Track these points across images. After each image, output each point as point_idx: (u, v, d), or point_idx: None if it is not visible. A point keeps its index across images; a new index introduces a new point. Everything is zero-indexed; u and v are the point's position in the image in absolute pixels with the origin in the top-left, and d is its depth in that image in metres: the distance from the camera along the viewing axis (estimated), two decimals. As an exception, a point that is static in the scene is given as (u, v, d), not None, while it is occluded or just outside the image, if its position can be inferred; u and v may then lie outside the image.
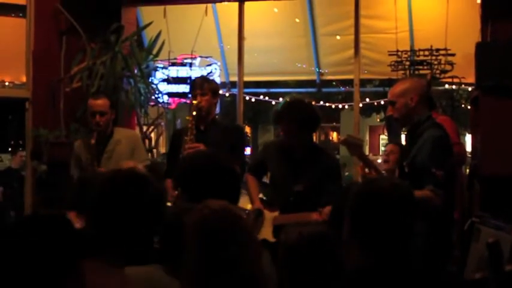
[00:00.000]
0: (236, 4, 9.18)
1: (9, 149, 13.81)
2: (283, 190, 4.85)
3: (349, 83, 13.34)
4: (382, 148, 25.92)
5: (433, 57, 10.20)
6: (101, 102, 5.56)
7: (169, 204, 3.34)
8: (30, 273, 1.87)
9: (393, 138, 8.00)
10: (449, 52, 10.00)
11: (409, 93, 4.39)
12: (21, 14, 8.62)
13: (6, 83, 10.57)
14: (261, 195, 5.05)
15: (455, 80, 10.28)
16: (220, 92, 13.85)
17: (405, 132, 4.96)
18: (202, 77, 6.13)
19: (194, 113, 5.15)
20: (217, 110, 5.94)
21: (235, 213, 2.30)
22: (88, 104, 5.67)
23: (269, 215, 4.82)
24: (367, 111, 20.67)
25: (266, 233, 4.74)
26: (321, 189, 4.67)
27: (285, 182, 4.85)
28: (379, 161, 6.28)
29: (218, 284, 2.14)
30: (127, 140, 5.61)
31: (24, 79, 8.40)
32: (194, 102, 5.18)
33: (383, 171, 5.38)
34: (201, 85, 5.24)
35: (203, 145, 5.01)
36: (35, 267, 1.88)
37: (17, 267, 1.87)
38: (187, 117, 5.37)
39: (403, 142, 6.05)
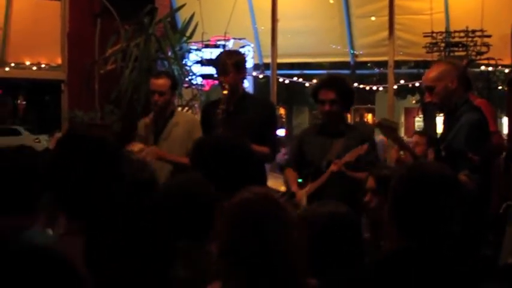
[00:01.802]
0: (270, -15, 9.14)
1: (48, 131, 13.96)
2: (317, 163, 4.86)
3: (383, 64, 13.24)
4: (417, 130, 25.73)
5: (469, 39, 10.08)
6: (161, 82, 5.44)
7: None
8: None
9: (428, 122, 7.91)
10: (485, 33, 9.88)
11: (449, 76, 4.29)
12: (56, -3, 8.68)
13: (43, 65, 10.69)
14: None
15: (492, 62, 10.17)
16: (254, 73, 13.92)
17: (441, 115, 4.90)
18: (225, 52, 5.99)
19: (225, 92, 5.09)
20: (250, 87, 5.85)
21: (276, 199, 2.29)
22: (150, 82, 5.61)
23: (302, 191, 4.83)
24: (402, 93, 20.54)
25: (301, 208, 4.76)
26: (355, 162, 4.68)
27: (319, 154, 4.86)
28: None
29: (252, 274, 2.13)
30: (185, 124, 5.52)
31: (59, 61, 8.47)
32: (224, 92, 5.12)
33: None
34: (223, 63, 5.14)
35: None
36: None
37: None
38: (224, 92, 5.27)
39: (438, 126, 5.98)
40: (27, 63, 10.89)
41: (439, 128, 5.58)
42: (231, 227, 2.20)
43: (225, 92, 5.08)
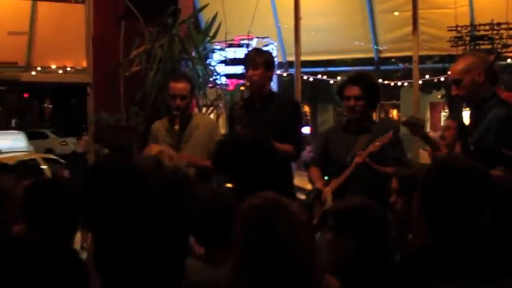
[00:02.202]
0: (292, -17, 9.13)
1: (75, 134, 14.11)
2: (343, 159, 4.85)
3: (407, 60, 13.17)
4: (442, 124, 25.55)
5: (494, 32, 10.00)
6: (182, 86, 5.42)
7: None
8: None
9: (455, 116, 7.87)
10: (510, 26, 9.77)
11: (476, 69, 4.23)
12: (80, 0, 8.75)
13: (68, 68, 10.79)
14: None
15: (518, 54, 10.05)
16: (278, 72, 13.92)
17: (467, 109, 4.87)
18: (255, 49, 6.01)
19: (244, 88, 5.12)
20: (274, 86, 5.87)
21: (285, 204, 2.29)
22: (169, 86, 5.63)
23: (328, 188, 4.82)
24: (427, 88, 20.34)
25: (327, 205, 4.75)
26: (380, 153, 4.65)
27: (345, 150, 4.84)
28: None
29: (265, 274, 2.15)
30: (205, 126, 5.54)
31: (84, 64, 8.54)
32: (242, 87, 5.16)
33: None
34: (252, 58, 5.17)
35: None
36: None
37: None
38: (241, 88, 5.31)
39: (465, 119, 5.94)
40: (53, 66, 11.00)
41: (466, 122, 5.55)
42: (243, 231, 2.22)
43: (246, 85, 5.11)
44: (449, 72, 4.50)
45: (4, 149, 14.33)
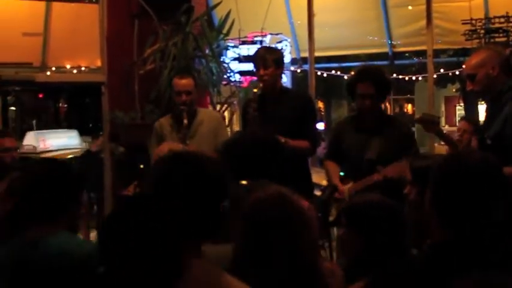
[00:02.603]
0: (305, -21, 9.11)
1: (90, 133, 14.33)
2: (356, 160, 4.82)
3: (422, 54, 13.13)
4: (458, 119, 25.44)
5: (510, 24, 9.93)
6: (186, 82, 5.58)
7: None
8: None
9: (470, 109, 7.82)
10: (526, 18, 9.72)
11: (490, 63, 4.19)
12: (93, 0, 8.78)
13: (83, 68, 10.85)
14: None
15: (533, 47, 9.97)
16: (292, 68, 13.91)
17: (482, 103, 4.83)
18: (264, 48, 6.02)
19: (256, 90, 5.17)
20: (288, 82, 5.88)
21: (290, 200, 2.29)
22: (173, 84, 5.72)
23: (345, 187, 4.81)
24: (441, 82, 20.23)
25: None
26: (394, 156, 4.61)
27: (358, 152, 4.82)
28: None
29: (267, 271, 2.14)
30: (210, 121, 5.61)
31: (99, 63, 8.57)
32: (255, 90, 5.19)
33: None
34: (263, 57, 5.18)
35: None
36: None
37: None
38: (254, 90, 5.33)
39: (480, 113, 5.91)
40: (68, 66, 11.08)
41: (481, 116, 5.50)
42: (245, 227, 2.22)
43: (256, 90, 5.15)
44: (463, 67, 4.47)
45: (59, 146, 15.50)
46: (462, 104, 22.04)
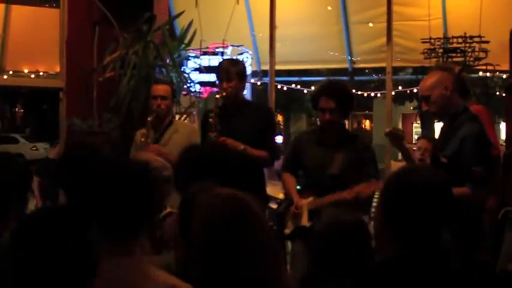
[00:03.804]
0: (268, -8, 9.16)
1: (47, 139, 14.11)
2: (318, 175, 4.82)
3: (381, 71, 13.28)
4: (415, 136, 25.74)
5: (467, 45, 10.11)
6: (162, 88, 5.66)
7: None
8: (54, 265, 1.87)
9: (426, 127, 7.92)
10: (483, 39, 9.90)
11: (443, 83, 4.26)
12: (54, 5, 8.70)
13: (41, 73, 10.71)
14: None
15: (490, 68, 10.18)
16: (252, 80, 13.93)
17: (437, 121, 4.89)
18: (228, 60, 6.01)
19: (218, 98, 5.17)
20: (248, 94, 5.90)
21: (244, 200, 2.29)
22: (151, 90, 5.75)
23: (304, 202, 4.81)
24: (400, 99, 20.48)
25: (302, 219, 4.74)
26: (356, 172, 4.64)
27: (320, 167, 4.82)
28: None
29: (224, 274, 2.14)
30: (185, 131, 5.64)
31: (57, 69, 8.48)
32: (217, 95, 5.20)
33: None
34: (226, 70, 5.18)
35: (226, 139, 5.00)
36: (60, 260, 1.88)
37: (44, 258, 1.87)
38: (216, 96, 5.32)
39: (436, 131, 5.97)
40: (26, 71, 10.93)
41: (437, 135, 5.57)
42: (200, 228, 2.21)
43: (218, 96, 5.14)
44: (419, 88, 4.54)
45: None
46: (419, 122, 22.32)
